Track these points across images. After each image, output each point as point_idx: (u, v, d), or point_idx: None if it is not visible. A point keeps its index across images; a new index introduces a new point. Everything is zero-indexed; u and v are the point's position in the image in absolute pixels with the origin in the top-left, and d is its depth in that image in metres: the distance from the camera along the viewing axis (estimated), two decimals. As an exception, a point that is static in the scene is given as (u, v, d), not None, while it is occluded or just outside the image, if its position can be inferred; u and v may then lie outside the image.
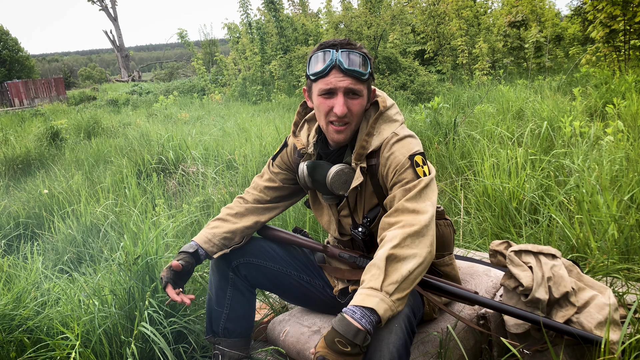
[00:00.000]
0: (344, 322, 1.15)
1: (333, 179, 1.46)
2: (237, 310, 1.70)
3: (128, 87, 21.35)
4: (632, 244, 2.03)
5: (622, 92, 5.00)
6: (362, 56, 1.39)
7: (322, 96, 1.41)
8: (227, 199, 3.56)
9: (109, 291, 1.87)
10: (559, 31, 12.42)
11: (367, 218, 1.53)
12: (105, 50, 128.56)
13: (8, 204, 4.35)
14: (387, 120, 1.48)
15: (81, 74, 43.05)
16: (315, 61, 1.41)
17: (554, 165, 3.08)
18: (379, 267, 1.22)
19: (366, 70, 1.39)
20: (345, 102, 1.39)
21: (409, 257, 1.24)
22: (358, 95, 1.41)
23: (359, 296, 1.19)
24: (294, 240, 1.76)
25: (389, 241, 1.26)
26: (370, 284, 1.20)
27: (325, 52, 1.39)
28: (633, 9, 6.68)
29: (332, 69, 1.38)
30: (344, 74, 1.37)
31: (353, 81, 1.38)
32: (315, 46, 1.46)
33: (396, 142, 1.44)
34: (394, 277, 1.21)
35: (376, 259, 1.25)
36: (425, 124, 4.66)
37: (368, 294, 1.19)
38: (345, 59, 1.37)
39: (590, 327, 1.35)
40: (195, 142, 5.38)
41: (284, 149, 1.69)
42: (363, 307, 1.17)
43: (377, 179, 1.48)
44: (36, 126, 9.23)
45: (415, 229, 1.27)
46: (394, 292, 1.19)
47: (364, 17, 9.04)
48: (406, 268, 1.22)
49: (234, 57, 15.60)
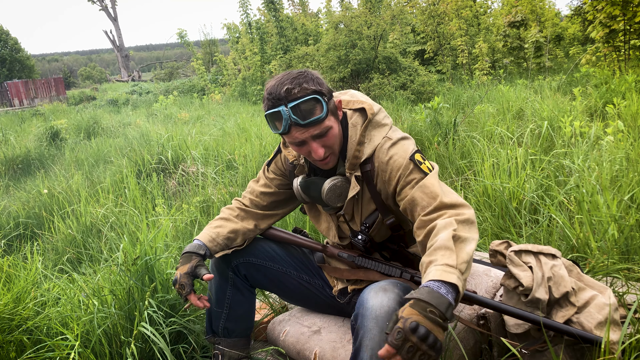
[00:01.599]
0: (434, 294, 1.08)
1: (328, 194, 1.47)
2: (237, 310, 1.70)
3: (128, 87, 21.35)
4: (632, 244, 2.03)
5: (622, 92, 5.00)
6: (312, 100, 1.34)
7: (295, 145, 1.42)
8: (227, 199, 3.56)
9: (109, 291, 1.86)
10: (559, 31, 12.41)
11: (366, 224, 1.53)
12: (105, 50, 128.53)
13: (8, 204, 4.35)
14: (376, 126, 1.48)
15: (81, 73, 43.04)
16: (271, 120, 1.38)
17: (554, 165, 3.08)
18: (447, 247, 1.19)
19: (322, 111, 1.36)
20: (319, 143, 1.39)
21: (468, 239, 1.24)
22: (326, 132, 1.39)
23: (437, 272, 1.14)
24: (294, 240, 1.76)
25: (446, 227, 1.24)
26: (444, 261, 1.16)
27: (277, 112, 1.35)
28: (633, 9, 6.68)
29: (291, 127, 1.36)
30: (304, 127, 1.36)
31: (315, 127, 1.37)
32: (265, 90, 1.41)
33: (392, 147, 1.44)
34: (462, 257, 1.19)
35: (441, 241, 1.21)
36: (425, 124, 4.66)
37: (445, 270, 1.14)
38: (298, 115, 1.34)
39: (590, 327, 1.35)
40: (195, 142, 5.38)
41: (277, 155, 1.68)
42: (446, 283, 1.12)
43: (374, 185, 1.48)
44: (36, 126, 9.23)
45: (465, 217, 1.28)
46: (465, 272, 1.18)
47: (364, 17, 9.03)
48: (469, 249, 1.22)
49: (234, 57, 15.59)
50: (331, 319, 1.77)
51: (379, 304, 1.25)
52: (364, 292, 1.32)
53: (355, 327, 1.28)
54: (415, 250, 1.61)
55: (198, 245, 1.61)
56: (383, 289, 1.29)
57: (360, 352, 1.22)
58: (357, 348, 1.24)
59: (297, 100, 1.34)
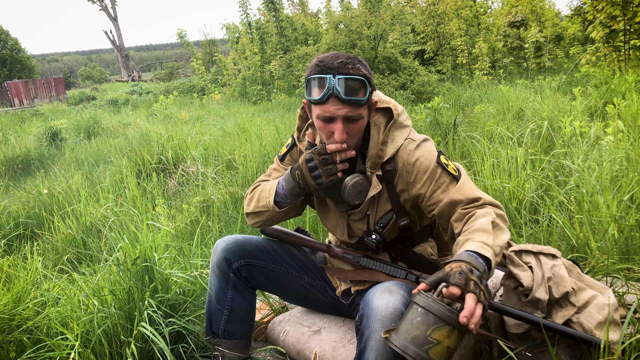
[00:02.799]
0: (472, 258, 1.16)
1: (349, 191, 1.44)
2: (237, 312, 1.69)
3: (128, 87, 21.34)
4: (632, 244, 2.03)
5: (622, 92, 5.00)
6: (360, 81, 1.34)
7: (321, 121, 1.40)
8: (227, 199, 3.56)
9: (109, 291, 1.86)
10: (559, 31, 12.42)
11: (380, 224, 1.53)
12: (105, 50, 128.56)
13: (8, 204, 4.35)
14: (398, 127, 1.50)
15: (81, 74, 43.06)
16: (312, 86, 1.37)
17: (554, 165, 3.08)
18: (486, 230, 1.25)
19: (365, 96, 1.35)
20: (344, 127, 1.38)
21: (504, 230, 1.31)
22: (357, 119, 1.39)
23: (475, 245, 1.20)
24: (296, 240, 1.75)
25: (485, 215, 1.31)
26: (482, 239, 1.22)
27: (322, 79, 1.34)
28: (633, 9, 6.68)
29: (330, 97, 1.34)
30: (342, 103, 1.34)
31: (352, 108, 1.35)
32: (314, 59, 1.41)
33: (417, 148, 1.46)
34: (498, 242, 1.25)
35: (480, 224, 1.27)
36: (425, 124, 4.65)
37: (482, 246, 1.20)
38: (343, 88, 1.32)
39: (590, 327, 1.35)
40: (195, 142, 5.38)
41: (293, 147, 1.66)
42: (481, 256, 1.18)
43: (394, 185, 1.48)
44: (36, 126, 9.23)
45: (502, 213, 1.35)
46: (497, 255, 1.23)
47: (364, 17, 9.03)
48: (505, 237, 1.28)
49: (234, 57, 15.60)
50: (331, 319, 1.77)
51: (384, 305, 1.25)
52: (369, 293, 1.32)
53: (360, 328, 1.28)
54: (420, 250, 1.60)
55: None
56: (389, 290, 1.30)
57: (366, 352, 1.22)
58: (362, 349, 1.24)
59: (347, 75, 1.33)
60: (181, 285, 1.98)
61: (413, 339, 1.07)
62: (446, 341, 1.07)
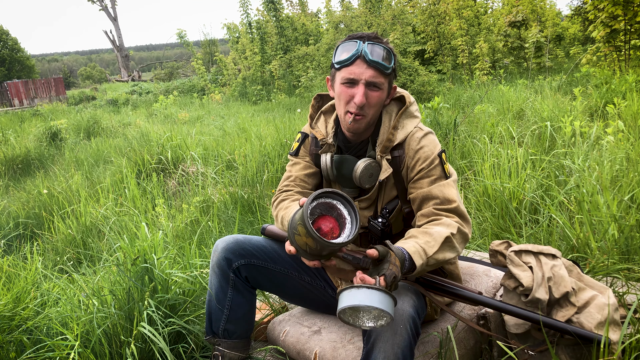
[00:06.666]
0: (406, 262, 1.27)
1: (362, 172, 1.50)
2: (237, 311, 1.69)
3: (128, 87, 21.35)
4: (632, 244, 2.03)
5: (623, 92, 5.00)
6: (387, 50, 1.44)
7: (344, 85, 1.46)
8: (227, 199, 3.55)
9: (109, 291, 1.86)
10: (560, 31, 12.41)
11: (386, 209, 1.57)
12: (105, 50, 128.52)
13: (8, 204, 4.35)
14: (409, 115, 1.57)
15: (81, 73, 43.07)
16: (341, 50, 1.46)
17: (554, 165, 3.08)
18: (436, 240, 1.33)
19: (389, 64, 1.44)
20: (365, 92, 1.44)
21: (454, 249, 1.38)
22: (378, 88, 1.45)
23: (413, 248, 1.29)
24: None
25: (448, 226, 1.37)
26: (423, 245, 1.31)
27: (352, 43, 1.44)
28: (634, 8, 6.68)
29: (357, 59, 1.42)
30: (367, 65, 1.42)
31: (375, 73, 1.42)
32: (348, 35, 1.52)
33: (424, 137, 1.52)
34: (439, 256, 1.33)
35: (436, 231, 1.35)
36: (425, 124, 4.65)
37: (419, 251, 1.29)
38: (370, 51, 1.42)
39: (590, 327, 1.35)
40: (195, 142, 5.38)
41: (305, 139, 1.70)
42: (412, 260, 1.27)
43: (400, 171, 1.53)
44: (36, 126, 9.23)
45: (466, 232, 1.42)
46: (430, 266, 1.32)
47: (364, 17, 9.04)
48: (448, 255, 1.35)
49: (234, 57, 15.60)
50: (331, 319, 1.77)
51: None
52: None
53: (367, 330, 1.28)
54: None
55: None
56: (396, 292, 1.34)
57: (373, 353, 1.22)
58: (370, 350, 1.24)
59: (376, 42, 1.44)
60: (181, 285, 1.98)
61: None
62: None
